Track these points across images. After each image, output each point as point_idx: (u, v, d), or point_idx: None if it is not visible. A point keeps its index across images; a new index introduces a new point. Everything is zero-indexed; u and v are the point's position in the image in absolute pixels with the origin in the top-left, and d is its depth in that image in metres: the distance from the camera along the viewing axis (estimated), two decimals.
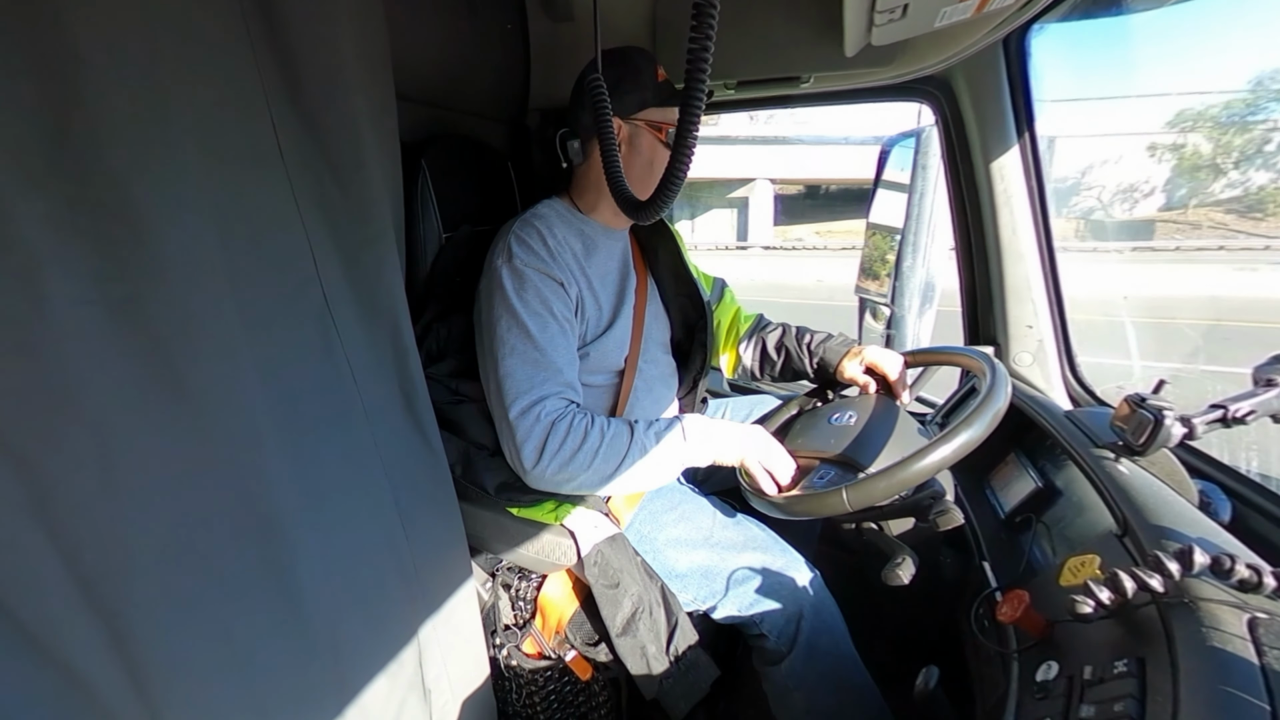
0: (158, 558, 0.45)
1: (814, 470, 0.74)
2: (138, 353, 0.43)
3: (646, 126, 0.81)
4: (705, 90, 0.43)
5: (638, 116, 0.81)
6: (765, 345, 1.05)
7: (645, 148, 0.82)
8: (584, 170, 0.86)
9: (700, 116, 0.45)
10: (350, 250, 0.61)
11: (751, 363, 1.07)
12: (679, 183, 0.49)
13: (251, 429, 0.51)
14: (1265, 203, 7.11)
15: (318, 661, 0.57)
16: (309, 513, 0.56)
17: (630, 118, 0.80)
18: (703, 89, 0.43)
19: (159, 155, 0.44)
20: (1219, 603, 0.41)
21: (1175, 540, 0.50)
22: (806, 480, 0.73)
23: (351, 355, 0.61)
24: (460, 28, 0.92)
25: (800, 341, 1.00)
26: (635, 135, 0.81)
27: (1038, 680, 0.47)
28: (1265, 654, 0.37)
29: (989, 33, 0.79)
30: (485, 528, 0.82)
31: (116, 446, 0.42)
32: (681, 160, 0.48)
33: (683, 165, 0.48)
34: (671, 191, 0.50)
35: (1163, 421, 0.60)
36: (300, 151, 0.55)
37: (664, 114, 0.82)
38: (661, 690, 0.76)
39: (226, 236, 0.49)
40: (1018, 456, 0.84)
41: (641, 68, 0.81)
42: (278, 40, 0.52)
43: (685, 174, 0.49)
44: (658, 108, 0.81)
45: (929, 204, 1.16)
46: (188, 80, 0.46)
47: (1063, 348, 1.04)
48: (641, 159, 0.82)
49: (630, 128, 0.81)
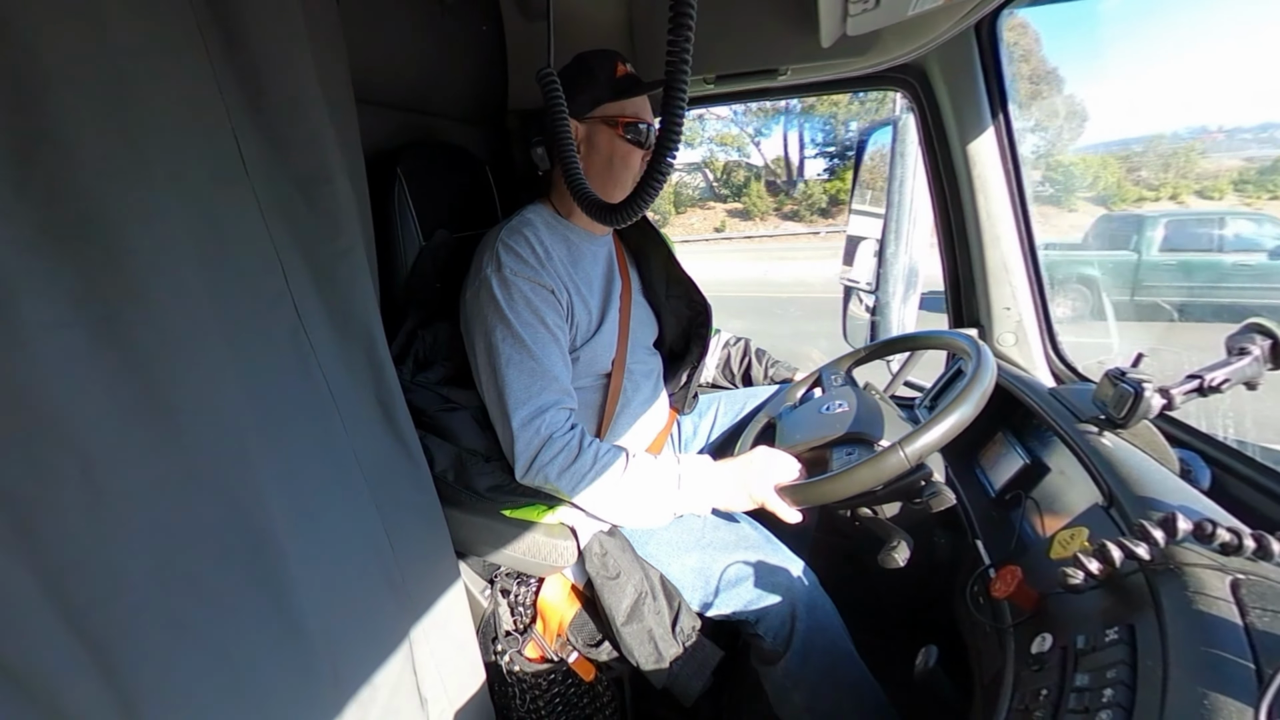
0: (147, 582, 0.44)
1: (832, 455, 0.75)
2: (119, 373, 0.42)
3: (602, 122, 0.80)
4: (686, 88, 0.42)
5: (592, 114, 0.80)
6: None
7: (603, 144, 0.81)
8: (557, 176, 0.85)
9: (683, 114, 0.43)
10: (321, 265, 0.61)
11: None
12: (660, 183, 0.47)
13: (237, 446, 0.50)
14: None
15: (316, 677, 0.57)
16: (297, 528, 0.55)
17: (585, 117, 0.80)
18: (684, 86, 0.42)
19: (127, 175, 0.43)
20: (1202, 567, 0.43)
21: (1159, 509, 0.51)
22: (836, 461, 0.74)
23: (327, 369, 0.61)
24: (433, 30, 0.91)
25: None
26: (592, 133, 0.81)
27: (1033, 652, 0.48)
28: (1248, 614, 0.38)
29: (960, 19, 0.80)
30: (479, 533, 0.82)
31: (100, 470, 0.41)
32: (663, 159, 0.45)
33: (664, 165, 0.46)
34: (650, 193, 0.48)
35: (1142, 394, 0.61)
36: (265, 166, 0.55)
37: (620, 106, 0.81)
38: (671, 674, 0.76)
39: (200, 253, 0.48)
40: (1005, 435, 0.85)
41: (595, 67, 0.80)
42: (237, 56, 0.51)
43: (667, 174, 0.46)
44: (612, 101, 0.80)
45: (909, 191, 1.18)
46: (150, 99, 0.45)
47: (1044, 327, 1.06)
48: (600, 156, 0.81)
49: (587, 126, 0.80)
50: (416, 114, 0.97)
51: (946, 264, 1.15)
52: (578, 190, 0.57)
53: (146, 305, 0.44)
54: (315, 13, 0.59)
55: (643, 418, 0.91)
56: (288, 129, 0.56)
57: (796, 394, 0.97)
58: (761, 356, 1.20)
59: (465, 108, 1.08)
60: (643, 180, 0.48)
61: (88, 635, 0.41)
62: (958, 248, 1.11)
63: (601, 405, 0.87)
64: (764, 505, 0.73)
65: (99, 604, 0.41)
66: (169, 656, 0.45)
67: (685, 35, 0.40)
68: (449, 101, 1.02)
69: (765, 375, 1.18)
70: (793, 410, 0.91)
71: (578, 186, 0.57)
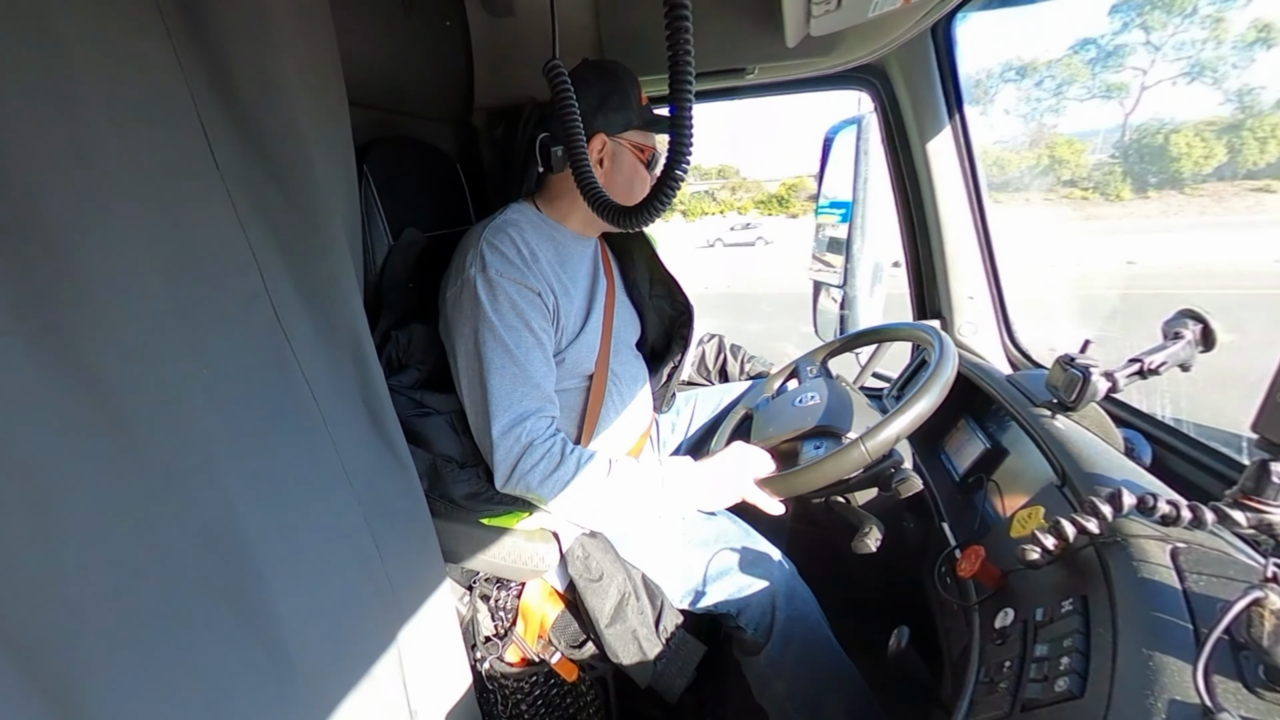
0: (105, 613, 0.41)
1: (801, 448, 0.77)
2: (66, 386, 0.39)
3: (631, 147, 0.82)
4: (692, 99, 0.43)
5: (623, 136, 0.81)
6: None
7: (628, 167, 0.82)
8: (561, 177, 0.84)
9: (692, 124, 0.44)
10: (300, 262, 0.58)
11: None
12: (675, 188, 0.47)
13: (204, 458, 0.47)
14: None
15: (299, 696, 0.55)
16: (274, 543, 0.53)
17: (615, 136, 0.80)
18: (690, 97, 0.42)
19: (71, 169, 0.40)
20: (1145, 538, 0.46)
21: (1106, 485, 0.54)
22: (804, 454, 0.75)
23: (309, 372, 0.58)
24: (395, 25, 0.88)
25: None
26: (619, 154, 0.81)
27: (997, 627, 0.51)
28: (1186, 579, 0.41)
29: (918, 21, 0.83)
30: (458, 540, 0.80)
31: (47, 492, 0.38)
32: (678, 165, 0.46)
33: (680, 170, 0.46)
34: (666, 199, 0.48)
35: (1089, 378, 0.65)
36: (238, 161, 0.52)
37: (645, 138, 0.83)
38: (656, 673, 0.77)
39: (159, 253, 0.45)
40: (967, 421, 0.89)
41: (629, 88, 0.81)
42: (204, 46, 0.48)
43: (682, 180, 0.47)
44: (641, 130, 0.82)
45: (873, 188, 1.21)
46: (102, 90, 0.42)
47: (1000, 316, 1.11)
48: (623, 176, 0.82)
49: (615, 145, 0.81)
50: (381, 111, 0.94)
51: (909, 257, 1.19)
52: (593, 193, 0.56)
53: (96, 310, 0.41)
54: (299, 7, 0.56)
55: (625, 418, 0.91)
56: (262, 119, 0.53)
57: (774, 385, 0.99)
58: (737, 352, 1.22)
59: (432, 105, 1.05)
60: (659, 185, 0.48)
61: (40, 678, 0.37)
62: (919, 242, 1.16)
63: (584, 406, 0.86)
64: (745, 499, 0.75)
65: (51, 641, 0.38)
66: (134, 692, 0.42)
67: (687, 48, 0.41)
68: (415, 98, 1.00)
69: (741, 371, 1.20)
70: (769, 402, 0.93)
71: (593, 189, 0.56)
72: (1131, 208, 18.72)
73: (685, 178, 0.47)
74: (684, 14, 0.40)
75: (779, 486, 0.72)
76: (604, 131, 0.79)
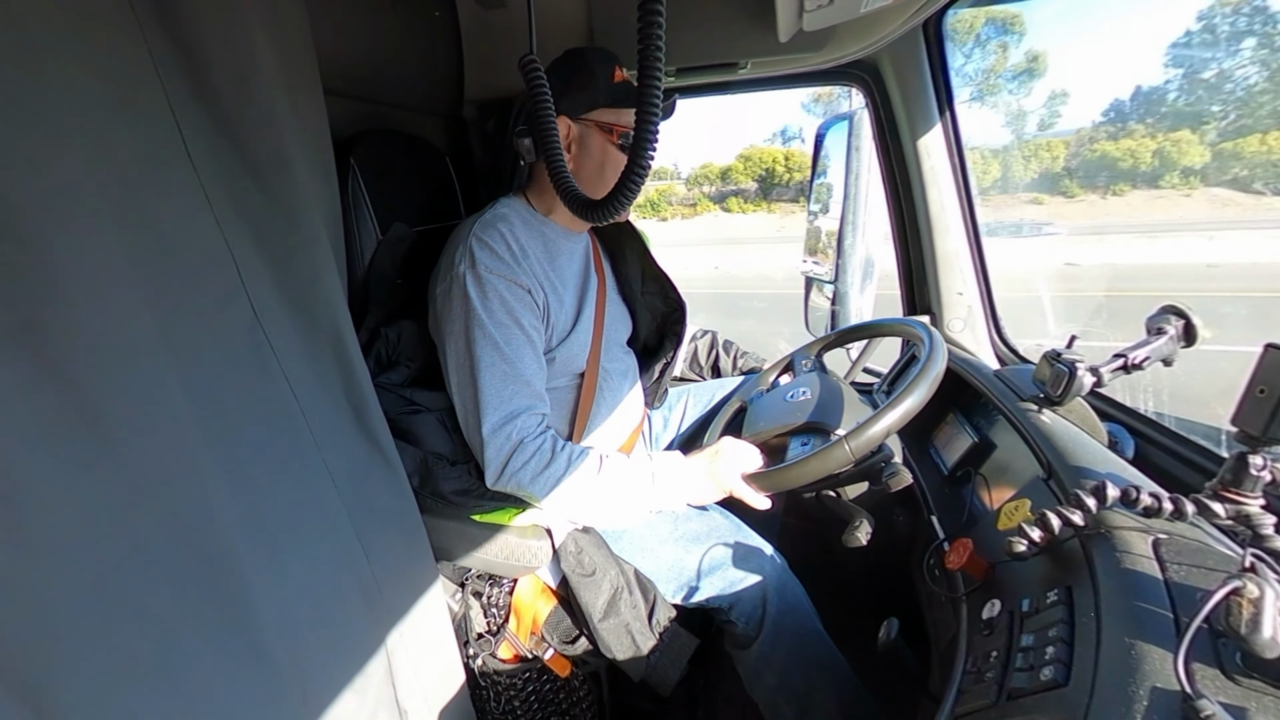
0: (84, 616, 0.40)
1: (789, 444, 0.77)
2: (39, 385, 0.38)
3: (597, 128, 0.78)
4: (661, 83, 0.42)
5: (588, 116, 0.78)
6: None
7: (596, 149, 0.79)
8: (540, 170, 0.83)
9: (659, 110, 0.43)
10: (280, 257, 0.57)
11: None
12: (640, 180, 0.47)
13: (183, 459, 0.47)
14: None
15: (284, 696, 0.54)
16: (258, 543, 0.52)
17: (580, 117, 0.78)
18: (658, 81, 0.41)
19: (38, 160, 0.39)
20: (1128, 529, 0.47)
21: (1091, 478, 0.55)
22: (791, 451, 0.76)
23: (290, 370, 0.57)
24: (384, 16, 0.86)
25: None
26: (586, 136, 0.78)
27: (984, 618, 0.52)
28: (1167, 569, 0.42)
29: (909, 17, 0.83)
30: (450, 537, 0.80)
31: (21, 493, 0.37)
32: (642, 156, 0.45)
33: (644, 162, 0.45)
34: (631, 190, 0.47)
35: (1075, 373, 0.66)
36: (212, 153, 0.51)
37: (616, 115, 0.79)
38: (650, 666, 0.77)
39: (132, 248, 0.44)
40: (956, 415, 0.90)
41: (595, 68, 0.78)
42: (175, 35, 0.47)
43: (647, 170, 0.46)
44: (610, 108, 0.78)
45: (865, 184, 1.22)
46: (64, 71, 0.41)
47: (989, 312, 1.12)
48: (592, 161, 0.79)
49: (580, 128, 0.78)
50: (369, 103, 0.92)
51: (900, 253, 1.20)
52: (563, 185, 0.56)
53: (69, 306, 0.40)
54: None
55: (617, 416, 0.91)
56: (237, 110, 0.52)
57: (769, 379, 0.99)
58: (729, 348, 1.22)
59: (422, 97, 1.04)
60: (623, 178, 0.47)
61: (18, 684, 0.37)
62: (910, 238, 1.16)
63: (575, 404, 0.86)
64: (734, 494, 0.75)
65: (28, 647, 0.37)
66: (115, 696, 0.41)
67: (656, 32, 0.40)
68: (404, 91, 0.98)
69: (734, 366, 1.20)
70: (762, 396, 0.94)
71: (563, 182, 0.56)
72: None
73: (649, 167, 0.46)
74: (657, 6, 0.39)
75: (765, 482, 0.73)
76: (567, 114, 0.76)
